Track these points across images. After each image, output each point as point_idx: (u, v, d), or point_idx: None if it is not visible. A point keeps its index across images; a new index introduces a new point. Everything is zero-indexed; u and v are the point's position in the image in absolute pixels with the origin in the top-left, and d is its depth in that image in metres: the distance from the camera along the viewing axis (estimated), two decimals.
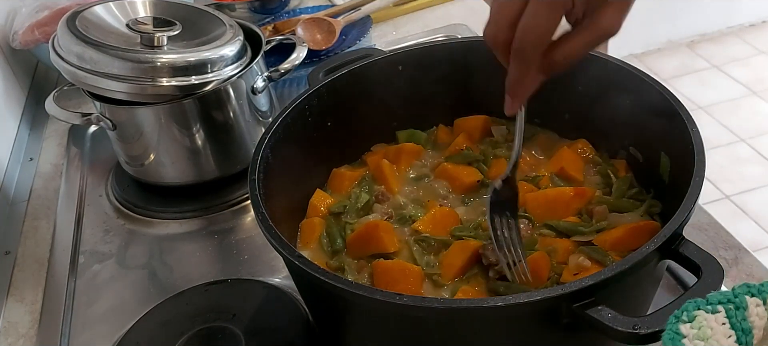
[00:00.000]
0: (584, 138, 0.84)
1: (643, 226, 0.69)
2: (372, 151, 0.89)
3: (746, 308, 0.41)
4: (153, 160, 1.00)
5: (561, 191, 0.76)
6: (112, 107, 0.96)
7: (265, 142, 0.72)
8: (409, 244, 0.74)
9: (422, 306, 0.53)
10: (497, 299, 0.51)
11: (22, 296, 0.93)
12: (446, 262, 0.70)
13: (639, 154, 0.78)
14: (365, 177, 0.85)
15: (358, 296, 0.55)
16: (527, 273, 0.65)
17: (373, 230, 0.73)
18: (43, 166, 1.21)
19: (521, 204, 0.75)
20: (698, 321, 0.40)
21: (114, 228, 1.01)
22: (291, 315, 0.78)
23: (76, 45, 0.91)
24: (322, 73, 0.85)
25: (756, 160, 2.70)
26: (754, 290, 0.41)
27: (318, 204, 0.81)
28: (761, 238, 2.36)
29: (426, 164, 0.86)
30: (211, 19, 1.02)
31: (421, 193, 0.82)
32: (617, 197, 0.75)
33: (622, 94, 0.76)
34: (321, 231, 0.77)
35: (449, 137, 0.89)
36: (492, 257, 0.68)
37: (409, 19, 1.49)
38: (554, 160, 0.82)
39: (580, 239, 0.70)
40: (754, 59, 3.22)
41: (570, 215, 0.74)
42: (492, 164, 0.83)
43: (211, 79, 0.93)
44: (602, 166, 0.80)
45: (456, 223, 0.76)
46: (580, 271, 0.66)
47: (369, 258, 0.73)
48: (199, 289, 0.84)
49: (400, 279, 0.68)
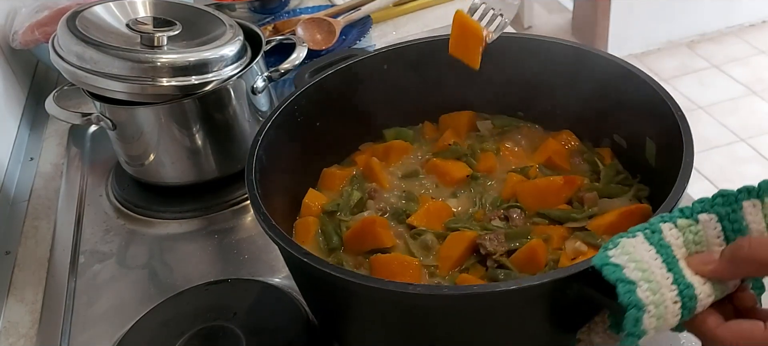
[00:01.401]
0: (567, 129, 0.86)
1: (634, 209, 0.71)
2: (360, 151, 0.90)
3: (661, 232, 0.50)
4: (153, 160, 1.00)
5: (551, 180, 0.77)
6: (112, 107, 0.96)
7: (258, 143, 0.73)
8: (405, 238, 0.75)
9: (437, 295, 0.54)
10: (510, 282, 0.52)
11: (22, 296, 0.93)
12: (443, 253, 0.71)
13: (623, 142, 0.81)
14: (355, 175, 0.85)
15: (369, 289, 0.55)
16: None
17: (370, 225, 0.74)
18: (43, 166, 1.21)
19: (513, 195, 0.78)
20: (622, 244, 0.49)
21: (114, 228, 1.01)
22: (291, 315, 0.78)
23: (76, 45, 0.91)
24: (308, 73, 0.86)
25: (756, 160, 2.70)
26: (666, 218, 0.51)
27: (311, 203, 0.81)
28: None
29: (415, 161, 0.87)
30: (211, 19, 1.02)
31: (412, 189, 0.83)
32: (606, 183, 0.78)
33: (604, 84, 0.78)
34: (316, 230, 0.78)
35: (435, 134, 0.91)
36: (490, 246, 0.69)
37: (409, 19, 1.49)
38: (541, 152, 0.85)
39: (573, 226, 0.72)
40: (754, 59, 3.22)
41: (560, 203, 0.76)
42: (480, 158, 0.85)
43: (211, 79, 0.93)
44: (589, 155, 0.83)
45: (449, 215, 0.77)
46: (577, 255, 0.68)
47: (366, 254, 0.73)
48: (199, 289, 0.84)
49: (399, 272, 0.69)
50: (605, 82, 0.78)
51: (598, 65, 0.78)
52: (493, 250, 0.69)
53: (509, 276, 0.67)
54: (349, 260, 0.74)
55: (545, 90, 0.85)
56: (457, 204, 0.80)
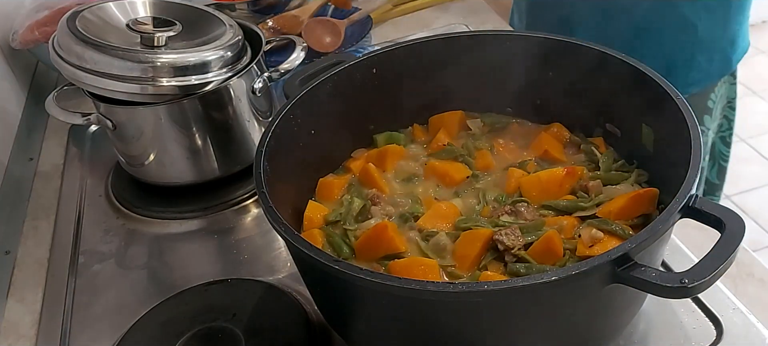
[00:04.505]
0: (557, 122, 0.87)
1: (643, 193, 0.72)
2: (353, 157, 0.89)
3: None
4: (153, 160, 1.00)
5: (553, 172, 0.78)
6: (112, 107, 0.96)
7: (263, 155, 0.72)
8: (417, 241, 0.74)
9: (484, 290, 0.54)
10: (551, 272, 0.53)
11: (22, 296, 0.93)
12: (459, 253, 0.71)
13: (617, 130, 0.82)
14: (352, 183, 0.85)
15: (407, 290, 0.55)
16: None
17: (383, 231, 0.73)
18: (43, 166, 1.21)
19: (516, 189, 0.78)
20: None
21: (114, 228, 1.01)
22: (291, 315, 0.78)
23: (76, 45, 0.91)
24: (298, 81, 0.85)
25: (756, 160, 2.70)
26: None
27: (313, 216, 0.80)
28: (761, 238, 2.36)
29: (411, 164, 0.87)
30: (211, 19, 1.02)
31: (413, 192, 0.83)
32: (606, 170, 0.79)
33: (592, 74, 0.79)
34: (322, 242, 0.76)
35: (425, 135, 0.91)
36: (508, 241, 0.69)
37: (409, 19, 1.49)
38: (535, 146, 0.85)
39: (582, 214, 0.73)
40: (754, 59, 3.22)
41: (564, 194, 0.77)
42: (476, 157, 0.85)
43: (211, 79, 0.93)
44: (585, 145, 0.83)
45: (457, 215, 0.77)
46: (594, 242, 0.68)
47: (380, 260, 0.73)
48: (199, 289, 0.84)
49: (420, 275, 0.68)
50: (593, 73, 0.79)
51: (586, 56, 0.79)
52: (512, 244, 0.69)
53: (530, 269, 0.68)
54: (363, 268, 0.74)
55: (532, 85, 0.86)
56: (461, 203, 0.79)
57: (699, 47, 1.25)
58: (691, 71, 1.26)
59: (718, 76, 1.31)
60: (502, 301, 0.57)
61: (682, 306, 0.74)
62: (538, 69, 0.84)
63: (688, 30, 1.23)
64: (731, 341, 0.70)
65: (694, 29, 1.23)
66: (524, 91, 0.87)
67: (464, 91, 0.89)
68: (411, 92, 0.89)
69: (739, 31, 1.30)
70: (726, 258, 0.54)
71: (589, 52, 0.79)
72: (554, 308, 0.58)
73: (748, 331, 0.71)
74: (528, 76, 0.85)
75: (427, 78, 0.88)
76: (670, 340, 0.71)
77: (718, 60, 1.28)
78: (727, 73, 1.33)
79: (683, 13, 1.21)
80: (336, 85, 0.84)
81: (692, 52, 1.25)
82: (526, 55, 0.84)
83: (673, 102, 0.68)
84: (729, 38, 1.28)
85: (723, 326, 0.72)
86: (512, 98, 0.89)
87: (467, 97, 0.90)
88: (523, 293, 0.54)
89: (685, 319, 0.73)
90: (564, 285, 0.53)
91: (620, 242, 0.65)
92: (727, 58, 1.30)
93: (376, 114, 0.90)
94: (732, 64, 1.32)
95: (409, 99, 0.90)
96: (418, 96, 0.90)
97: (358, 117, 0.88)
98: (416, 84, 0.89)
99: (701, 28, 1.22)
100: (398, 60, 0.87)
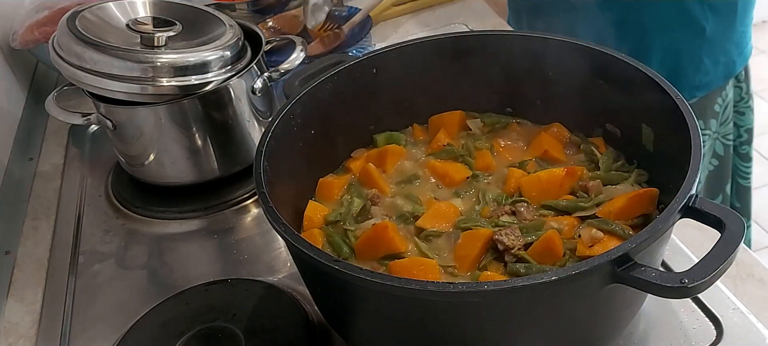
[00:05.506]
0: (557, 122, 0.87)
1: (643, 193, 0.72)
2: (353, 157, 0.90)
3: None
4: (153, 160, 1.00)
5: (553, 172, 0.78)
6: (112, 107, 0.96)
7: (263, 155, 0.72)
8: (416, 241, 0.74)
9: (484, 291, 0.54)
10: (551, 272, 0.53)
11: (22, 296, 0.93)
12: (459, 253, 0.71)
13: (617, 130, 0.82)
14: (352, 183, 0.85)
15: (407, 290, 0.55)
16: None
17: (383, 231, 0.73)
18: (43, 166, 1.21)
19: (516, 189, 0.78)
20: None
21: (114, 228, 1.01)
22: (291, 315, 0.78)
23: (76, 45, 0.91)
24: (298, 81, 0.85)
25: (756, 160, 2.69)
26: None
27: (313, 216, 0.80)
28: (761, 238, 2.35)
29: (411, 164, 0.87)
30: (211, 19, 1.02)
31: (413, 192, 0.83)
32: (606, 170, 0.79)
33: (593, 74, 0.79)
34: (322, 242, 0.76)
35: (425, 135, 0.91)
36: (508, 242, 0.69)
37: (409, 19, 1.49)
38: (535, 146, 0.85)
39: (581, 215, 0.73)
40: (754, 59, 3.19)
41: (564, 194, 0.77)
42: (476, 157, 0.85)
43: (211, 79, 0.93)
44: (585, 145, 0.83)
45: (457, 215, 0.77)
46: (594, 242, 0.68)
47: (380, 260, 0.73)
48: (199, 289, 0.84)
49: (420, 275, 0.68)
50: (593, 73, 0.79)
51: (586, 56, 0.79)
52: (512, 245, 0.69)
53: (530, 269, 0.68)
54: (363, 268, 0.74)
55: (532, 85, 0.86)
56: (461, 204, 0.80)
57: (706, 49, 1.25)
58: (698, 73, 1.26)
59: (723, 79, 1.31)
60: (502, 301, 0.57)
61: (682, 306, 0.74)
62: (538, 69, 0.84)
63: (696, 31, 1.23)
64: (731, 341, 0.70)
65: (702, 31, 1.23)
66: (524, 91, 0.88)
67: (464, 91, 0.89)
68: (411, 92, 0.89)
69: (744, 34, 1.30)
70: (726, 258, 0.54)
71: (589, 52, 0.79)
72: (554, 308, 0.58)
73: (748, 331, 0.71)
74: (528, 76, 0.85)
75: (427, 78, 0.88)
76: (670, 340, 0.71)
77: (723, 63, 1.29)
78: (731, 76, 1.33)
79: (692, 14, 1.21)
80: (336, 85, 0.84)
81: (700, 54, 1.25)
82: (526, 55, 0.84)
83: (673, 102, 0.68)
84: (734, 40, 1.28)
85: (723, 326, 0.71)
86: (512, 98, 0.89)
87: (467, 97, 0.90)
88: (523, 293, 0.54)
89: (685, 319, 0.73)
90: (564, 285, 0.53)
91: (620, 242, 0.65)
92: (731, 61, 1.30)
93: (376, 114, 0.90)
94: (736, 67, 1.32)
95: (409, 99, 0.90)
96: (418, 96, 0.90)
97: (357, 117, 0.88)
98: (416, 84, 0.89)
99: (709, 29, 1.23)
100: (398, 60, 0.87)
